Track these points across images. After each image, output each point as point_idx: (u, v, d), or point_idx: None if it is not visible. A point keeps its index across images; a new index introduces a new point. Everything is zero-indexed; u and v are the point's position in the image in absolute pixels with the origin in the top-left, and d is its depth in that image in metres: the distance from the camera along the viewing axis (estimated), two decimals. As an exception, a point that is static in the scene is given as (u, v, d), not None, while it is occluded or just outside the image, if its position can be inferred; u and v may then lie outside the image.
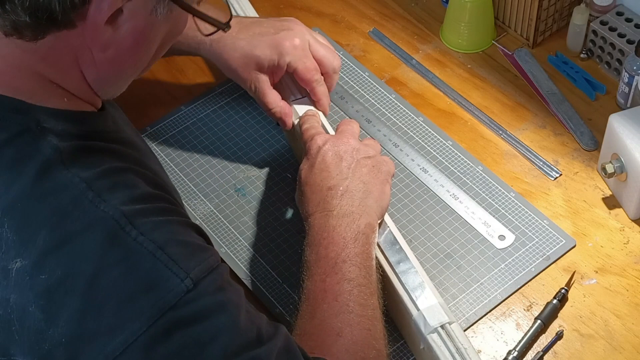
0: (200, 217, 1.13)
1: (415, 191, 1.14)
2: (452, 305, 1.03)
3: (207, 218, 1.13)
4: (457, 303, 1.04)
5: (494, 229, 1.10)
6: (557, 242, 1.08)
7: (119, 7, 0.72)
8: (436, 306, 0.94)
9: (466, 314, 1.03)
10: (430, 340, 0.92)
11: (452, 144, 1.19)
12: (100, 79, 0.79)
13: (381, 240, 0.99)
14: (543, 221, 1.10)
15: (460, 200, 1.13)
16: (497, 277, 1.06)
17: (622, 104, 1.21)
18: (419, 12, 1.37)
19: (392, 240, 1.00)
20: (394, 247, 0.99)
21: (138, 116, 1.26)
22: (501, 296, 1.04)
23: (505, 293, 1.04)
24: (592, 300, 1.04)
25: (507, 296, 1.04)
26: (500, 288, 1.05)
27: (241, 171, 1.18)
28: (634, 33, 1.21)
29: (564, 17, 1.30)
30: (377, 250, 0.98)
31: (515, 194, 1.13)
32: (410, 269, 0.97)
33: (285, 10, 1.39)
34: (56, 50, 0.74)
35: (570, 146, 1.18)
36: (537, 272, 1.06)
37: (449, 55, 1.31)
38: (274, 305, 1.05)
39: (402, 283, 0.96)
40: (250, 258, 1.10)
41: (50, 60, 0.75)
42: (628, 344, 1.00)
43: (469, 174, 1.16)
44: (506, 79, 1.27)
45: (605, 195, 1.13)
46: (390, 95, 1.25)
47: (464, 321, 1.02)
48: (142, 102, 1.27)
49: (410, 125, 1.21)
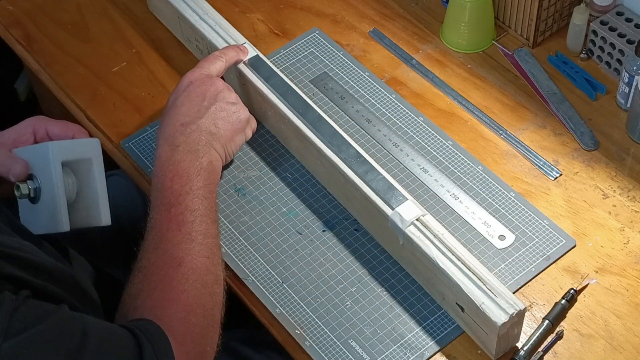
0: (200, 217, 1.13)
1: (416, 191, 1.14)
2: (452, 305, 1.03)
3: (207, 218, 1.13)
4: (457, 303, 1.04)
5: (494, 229, 1.10)
6: (557, 242, 1.08)
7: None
8: (409, 203, 1.02)
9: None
10: (409, 233, 1.00)
11: (452, 144, 1.19)
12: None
13: (345, 157, 1.07)
14: (543, 221, 1.10)
15: (461, 200, 1.13)
16: (497, 277, 1.05)
17: (622, 104, 1.21)
18: (419, 12, 1.37)
19: (355, 154, 1.07)
20: (358, 160, 1.07)
21: (138, 116, 1.26)
22: (501, 296, 1.04)
23: (506, 293, 1.05)
24: (592, 300, 1.04)
25: (507, 296, 1.04)
26: (500, 288, 1.05)
27: (241, 171, 1.18)
28: (634, 33, 1.21)
29: (564, 17, 1.30)
30: (344, 167, 1.06)
31: (515, 194, 1.13)
32: (377, 176, 1.05)
33: (285, 10, 1.39)
34: None
35: (570, 146, 1.18)
36: (537, 272, 1.06)
37: (449, 55, 1.31)
38: (274, 305, 1.05)
39: (372, 189, 1.04)
40: (250, 258, 1.10)
41: None
42: (628, 344, 1.00)
43: (469, 174, 1.16)
44: (506, 79, 1.27)
45: (606, 195, 1.13)
46: (390, 95, 1.25)
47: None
48: (142, 102, 1.27)
49: (410, 125, 1.21)
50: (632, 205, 1.12)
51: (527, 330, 1.01)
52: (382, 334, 1.02)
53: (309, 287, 1.07)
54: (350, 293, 1.06)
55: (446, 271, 0.97)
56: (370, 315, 1.04)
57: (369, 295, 1.06)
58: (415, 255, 1.01)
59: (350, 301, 1.05)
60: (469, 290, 0.95)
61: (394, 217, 1.01)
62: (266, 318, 1.05)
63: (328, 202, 1.14)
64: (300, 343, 1.02)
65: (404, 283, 1.06)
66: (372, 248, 1.10)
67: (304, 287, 1.07)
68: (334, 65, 1.29)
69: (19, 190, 0.97)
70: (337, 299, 1.06)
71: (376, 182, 1.05)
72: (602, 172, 1.15)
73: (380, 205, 1.03)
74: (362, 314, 1.04)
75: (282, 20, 1.37)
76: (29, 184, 0.97)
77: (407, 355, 1.01)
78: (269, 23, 1.37)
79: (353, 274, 1.08)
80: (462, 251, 0.98)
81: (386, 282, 1.06)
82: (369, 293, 1.06)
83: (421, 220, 1.01)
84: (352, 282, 1.07)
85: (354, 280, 1.07)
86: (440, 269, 0.97)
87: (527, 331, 1.01)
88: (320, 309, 1.05)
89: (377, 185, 1.04)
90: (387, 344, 1.02)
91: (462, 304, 0.97)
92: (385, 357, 1.01)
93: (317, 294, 1.06)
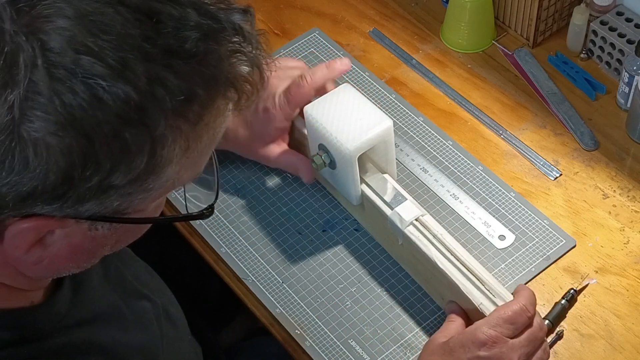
0: (200, 217, 1.13)
1: (416, 191, 1.14)
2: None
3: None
4: (457, 303, 1.04)
5: (494, 229, 1.10)
6: (557, 242, 1.08)
7: (42, 236, 0.64)
8: (408, 203, 1.01)
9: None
10: (408, 233, 0.99)
11: (452, 143, 1.19)
12: (39, 277, 0.72)
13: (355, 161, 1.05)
14: (543, 221, 1.10)
15: (461, 200, 1.13)
16: (497, 277, 1.05)
17: (622, 104, 1.21)
18: (419, 12, 1.37)
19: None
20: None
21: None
22: (501, 296, 1.04)
23: (505, 294, 1.04)
24: (592, 300, 1.04)
25: (507, 297, 1.04)
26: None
27: (241, 171, 1.18)
28: (634, 33, 1.21)
29: (564, 17, 1.30)
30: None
31: (515, 194, 1.13)
32: (377, 176, 1.04)
33: (286, 11, 1.39)
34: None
35: (570, 146, 1.18)
36: (538, 272, 1.06)
37: (449, 55, 1.31)
38: (274, 305, 1.05)
39: (372, 189, 1.04)
40: (250, 258, 1.10)
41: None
42: (628, 344, 1.00)
43: (469, 174, 1.16)
44: (506, 79, 1.27)
45: (606, 195, 1.13)
46: (390, 95, 1.25)
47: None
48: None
49: (411, 125, 1.21)
50: (632, 205, 1.12)
51: (527, 330, 1.01)
52: (382, 334, 1.02)
53: (309, 287, 1.07)
54: (350, 293, 1.06)
55: (445, 271, 0.97)
56: (370, 315, 1.04)
57: (369, 295, 1.06)
58: (415, 255, 1.01)
59: (350, 301, 1.05)
60: (467, 290, 0.95)
61: (393, 217, 1.01)
62: (266, 318, 1.05)
63: (328, 202, 1.14)
64: (300, 343, 1.02)
65: (404, 283, 1.06)
66: (372, 248, 1.09)
67: (304, 287, 1.07)
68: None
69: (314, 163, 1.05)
70: (337, 299, 1.06)
71: (375, 181, 1.05)
72: (602, 172, 1.15)
73: (379, 205, 1.03)
74: (362, 314, 1.04)
75: (282, 20, 1.37)
76: (324, 157, 1.05)
77: (407, 355, 1.00)
78: (269, 23, 1.36)
79: (353, 274, 1.07)
80: (461, 251, 0.98)
81: (386, 282, 1.06)
82: (369, 293, 1.06)
83: (420, 221, 1.01)
84: (352, 282, 1.07)
85: (354, 280, 1.07)
86: (439, 269, 0.97)
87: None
88: (320, 309, 1.05)
89: (376, 185, 1.04)
90: (387, 344, 1.02)
91: (461, 304, 0.97)
92: (385, 357, 1.01)
93: (317, 294, 1.06)
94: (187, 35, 0.60)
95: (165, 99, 0.59)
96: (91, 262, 0.72)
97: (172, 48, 0.59)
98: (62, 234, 0.64)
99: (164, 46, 0.59)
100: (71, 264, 0.69)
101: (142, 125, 0.59)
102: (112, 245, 0.70)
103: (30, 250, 0.64)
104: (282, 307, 1.05)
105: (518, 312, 0.91)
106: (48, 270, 0.69)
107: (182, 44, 0.60)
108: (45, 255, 0.65)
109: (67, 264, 0.69)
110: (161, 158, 0.61)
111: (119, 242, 0.71)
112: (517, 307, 0.91)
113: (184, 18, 0.60)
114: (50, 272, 0.70)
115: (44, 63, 0.56)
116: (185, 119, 0.61)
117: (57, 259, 0.66)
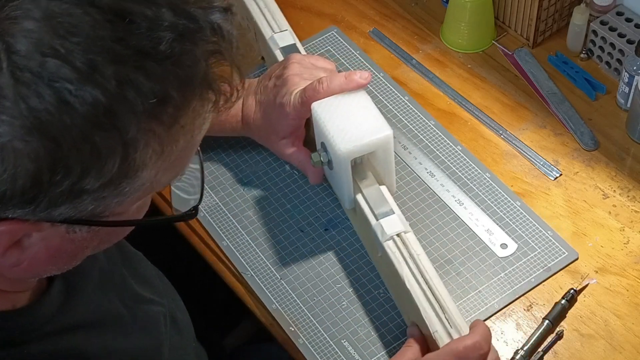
0: (204, 209, 1.13)
1: (421, 195, 1.13)
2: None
3: (212, 210, 1.13)
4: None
5: (496, 237, 1.09)
6: (559, 253, 1.07)
7: (17, 239, 0.63)
8: (394, 217, 1.00)
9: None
10: (386, 247, 0.99)
11: (461, 149, 1.18)
12: (19, 278, 0.71)
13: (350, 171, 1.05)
14: (547, 232, 1.09)
15: (465, 206, 1.12)
16: (495, 286, 1.05)
17: (622, 104, 1.20)
18: (419, 12, 1.37)
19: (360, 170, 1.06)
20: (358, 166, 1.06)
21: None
22: (498, 305, 1.03)
23: (503, 302, 1.03)
24: (592, 300, 1.03)
25: (505, 305, 1.03)
26: (498, 297, 1.04)
27: (248, 166, 1.18)
28: (634, 33, 1.21)
29: (564, 17, 1.29)
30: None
31: (521, 202, 1.12)
32: (373, 185, 1.04)
33: (286, 11, 1.38)
34: None
35: (570, 146, 1.18)
36: (537, 282, 1.05)
37: (449, 55, 1.31)
38: (270, 301, 1.05)
39: (365, 198, 1.03)
40: (250, 252, 1.10)
41: None
42: (628, 344, 0.99)
43: (475, 180, 1.15)
44: (506, 79, 1.27)
45: (606, 195, 1.13)
46: (403, 98, 1.24)
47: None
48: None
49: (421, 129, 1.20)
50: (632, 205, 1.11)
51: (527, 330, 1.01)
52: (376, 335, 1.02)
53: (307, 284, 1.06)
54: (347, 293, 1.05)
55: (411, 292, 0.95)
56: (365, 316, 1.03)
57: (365, 296, 1.05)
58: (389, 269, 1.00)
59: (347, 301, 1.05)
60: (426, 315, 0.93)
61: (376, 227, 1.00)
62: (265, 318, 1.05)
63: (332, 201, 1.13)
64: (294, 340, 1.02)
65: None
66: (371, 249, 1.09)
67: (301, 285, 1.06)
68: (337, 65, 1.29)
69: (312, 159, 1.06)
70: (333, 298, 1.05)
71: (370, 190, 1.04)
72: (602, 172, 1.15)
73: (367, 213, 1.02)
74: (357, 315, 1.04)
75: (281, 20, 1.37)
76: (322, 156, 1.06)
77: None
78: (268, 23, 1.36)
79: (351, 275, 1.07)
80: (433, 276, 0.96)
81: (383, 286, 1.06)
82: (366, 294, 1.05)
83: (401, 237, 0.99)
84: (349, 282, 1.06)
85: (351, 281, 1.06)
86: (406, 288, 0.96)
87: (527, 331, 1.01)
88: (316, 307, 1.04)
89: (369, 193, 1.04)
90: (380, 346, 1.01)
91: (421, 327, 0.96)
92: (377, 359, 1.00)
93: (314, 292, 1.06)
94: (162, 36, 0.58)
95: (137, 102, 0.58)
96: (72, 263, 0.70)
97: (145, 49, 0.58)
98: (39, 237, 0.63)
99: (136, 47, 0.57)
100: (51, 266, 0.68)
101: (113, 129, 0.57)
102: (94, 247, 0.69)
103: (6, 253, 0.63)
104: (279, 303, 1.05)
105: (470, 348, 0.89)
106: (27, 272, 0.67)
107: (155, 45, 0.58)
108: (23, 257, 0.64)
109: (46, 266, 0.68)
110: (134, 162, 0.60)
111: (102, 244, 0.70)
112: (469, 342, 0.89)
113: (159, 18, 0.58)
114: (30, 274, 0.69)
115: (9, 66, 0.55)
116: (159, 122, 0.60)
117: (36, 262, 0.65)
